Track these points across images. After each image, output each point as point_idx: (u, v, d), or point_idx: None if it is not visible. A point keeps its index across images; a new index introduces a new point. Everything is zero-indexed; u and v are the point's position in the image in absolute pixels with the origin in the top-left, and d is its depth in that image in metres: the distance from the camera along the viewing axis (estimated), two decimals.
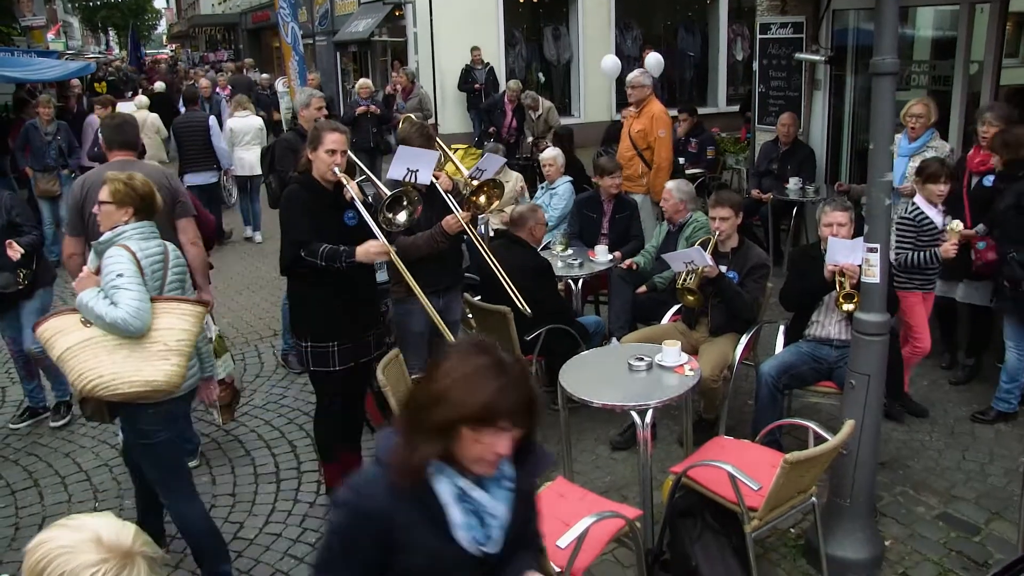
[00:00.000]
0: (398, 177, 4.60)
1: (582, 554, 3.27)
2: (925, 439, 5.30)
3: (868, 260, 3.83)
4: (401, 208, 4.29)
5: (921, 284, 5.42)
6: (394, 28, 17.81)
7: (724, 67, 18.60)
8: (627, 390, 4.20)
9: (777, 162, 8.65)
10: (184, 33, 44.97)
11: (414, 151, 4.68)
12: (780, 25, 9.21)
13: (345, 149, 4.28)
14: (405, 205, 4.29)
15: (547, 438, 5.43)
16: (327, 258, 4.17)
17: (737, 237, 5.41)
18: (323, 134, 4.24)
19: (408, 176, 4.60)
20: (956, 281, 5.82)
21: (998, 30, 7.32)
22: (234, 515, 4.81)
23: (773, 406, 4.83)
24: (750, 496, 3.61)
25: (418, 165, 4.62)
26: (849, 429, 3.79)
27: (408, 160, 4.62)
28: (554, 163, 7.79)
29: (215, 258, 8.95)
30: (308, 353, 4.45)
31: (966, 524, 4.43)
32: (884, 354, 3.92)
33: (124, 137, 4.94)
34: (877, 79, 3.71)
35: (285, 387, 6.45)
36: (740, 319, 5.24)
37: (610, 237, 6.87)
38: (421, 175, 4.63)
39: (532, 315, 4.83)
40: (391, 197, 4.24)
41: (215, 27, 37.15)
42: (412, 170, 4.60)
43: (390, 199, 4.23)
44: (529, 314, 4.66)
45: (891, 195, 3.83)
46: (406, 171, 4.61)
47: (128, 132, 4.98)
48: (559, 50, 17.18)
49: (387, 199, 4.23)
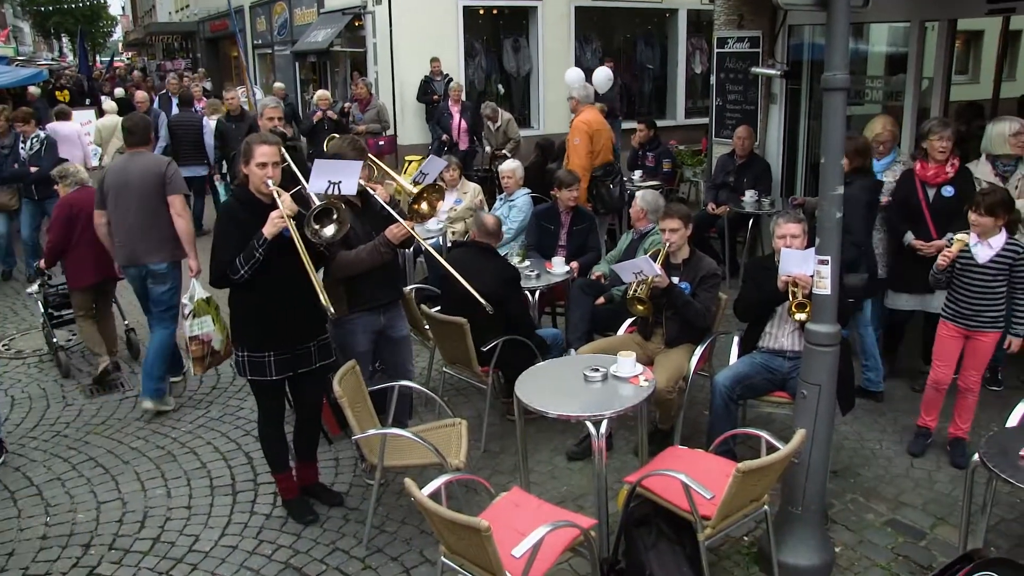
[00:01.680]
0: (319, 191, 4.38)
1: (537, 563, 3.28)
2: (876, 447, 5.40)
3: (819, 272, 3.90)
4: (330, 221, 4.18)
5: (953, 316, 5.08)
6: (354, 38, 17.75)
7: (683, 80, 18.78)
8: (583, 401, 4.22)
9: (733, 175, 8.76)
10: (140, 41, 44.44)
11: (334, 163, 4.53)
12: (737, 39, 9.33)
13: (277, 161, 4.26)
14: (335, 219, 4.18)
15: (504, 449, 5.46)
16: (245, 260, 4.16)
17: (688, 248, 5.47)
18: (253, 147, 4.25)
19: (331, 188, 4.41)
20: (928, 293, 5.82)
21: (947, 47, 7.49)
22: (189, 528, 4.76)
23: (727, 416, 4.89)
24: (703, 505, 3.65)
25: (340, 176, 4.43)
26: (800, 438, 3.85)
27: (328, 172, 4.42)
28: (512, 175, 7.81)
29: None
30: (245, 362, 4.43)
31: (913, 530, 4.53)
32: (835, 365, 3.99)
33: (140, 136, 6.14)
34: (828, 94, 3.79)
35: (242, 399, 6.39)
36: (694, 328, 5.29)
37: (568, 249, 6.93)
38: (345, 186, 4.45)
39: (495, 319, 4.79)
40: (319, 208, 4.14)
41: (172, 35, 36.75)
42: (334, 182, 4.42)
43: (317, 211, 4.13)
44: (490, 310, 4.63)
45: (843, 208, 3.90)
46: (327, 183, 4.41)
47: (142, 132, 6.17)
48: (519, 62, 17.23)
49: (313, 210, 4.13)
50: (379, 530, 4.63)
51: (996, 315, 4.96)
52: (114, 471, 5.39)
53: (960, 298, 5.02)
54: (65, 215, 6.51)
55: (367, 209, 4.86)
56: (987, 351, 5.03)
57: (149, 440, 5.79)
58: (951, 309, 5.10)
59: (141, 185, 5.92)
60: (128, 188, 5.92)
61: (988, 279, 4.92)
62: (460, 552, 3.46)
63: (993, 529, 4.40)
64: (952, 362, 5.12)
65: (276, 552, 4.50)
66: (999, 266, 4.89)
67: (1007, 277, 4.91)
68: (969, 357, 5.06)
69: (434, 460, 4.27)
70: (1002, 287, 4.92)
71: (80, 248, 6.51)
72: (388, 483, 4.98)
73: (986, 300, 4.94)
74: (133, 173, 5.95)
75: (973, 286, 4.95)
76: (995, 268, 4.90)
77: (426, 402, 5.97)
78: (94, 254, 6.47)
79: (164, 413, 6.16)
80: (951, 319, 5.10)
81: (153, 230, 5.98)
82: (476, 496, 4.79)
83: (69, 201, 6.58)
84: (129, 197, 5.92)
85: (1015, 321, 4.97)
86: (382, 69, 15.79)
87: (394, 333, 5.09)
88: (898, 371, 6.40)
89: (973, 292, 4.96)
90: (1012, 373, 6.16)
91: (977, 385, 5.08)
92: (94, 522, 4.83)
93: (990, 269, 4.91)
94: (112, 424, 6.06)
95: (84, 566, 4.42)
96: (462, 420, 4.72)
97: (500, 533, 3.30)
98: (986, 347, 5.01)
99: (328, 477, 5.19)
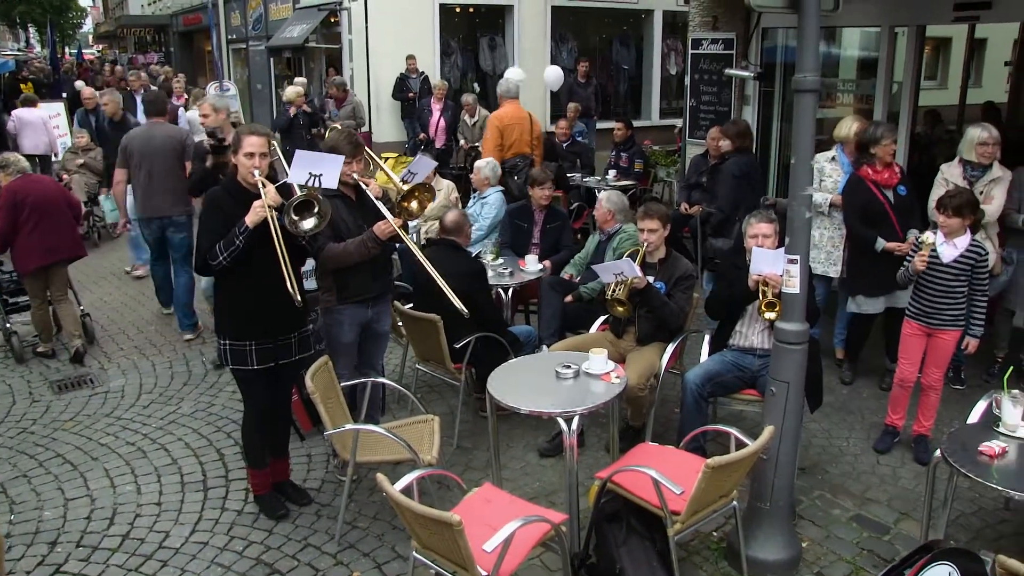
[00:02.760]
0: (300, 182, 4.37)
1: (508, 558, 3.31)
2: (843, 445, 5.48)
3: (789, 271, 3.96)
4: (311, 215, 4.21)
5: (916, 314, 5.19)
6: (329, 35, 17.67)
7: (658, 81, 18.87)
8: (554, 397, 4.25)
9: (706, 175, 8.81)
10: (111, 33, 43.86)
11: (316, 155, 4.51)
12: (711, 41, 9.40)
13: (265, 152, 4.29)
14: (315, 212, 4.21)
15: (476, 445, 5.48)
16: (225, 248, 4.18)
17: (665, 248, 5.52)
18: (242, 138, 4.30)
19: (311, 180, 4.38)
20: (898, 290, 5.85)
21: (916, 53, 7.60)
22: (160, 524, 4.73)
23: (698, 413, 4.94)
24: (673, 500, 3.70)
25: (321, 169, 4.40)
26: (769, 435, 3.90)
27: (309, 164, 4.39)
28: (478, 173, 7.84)
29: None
30: (227, 350, 4.45)
31: (877, 525, 4.61)
32: (803, 362, 4.05)
33: (157, 107, 7.42)
34: (799, 96, 3.84)
35: (213, 395, 6.37)
36: (667, 328, 5.34)
37: (541, 247, 6.95)
38: (325, 179, 4.41)
39: (468, 317, 4.82)
40: (298, 200, 4.16)
41: (144, 28, 36.35)
42: (315, 174, 4.38)
43: (297, 202, 4.15)
44: (466, 314, 4.65)
45: (812, 207, 3.96)
46: (308, 175, 4.38)
47: (160, 104, 7.50)
48: (495, 60, 17.23)
49: (293, 201, 4.14)
50: (351, 526, 4.63)
51: (957, 314, 5.07)
52: (82, 468, 5.35)
53: (923, 296, 5.13)
54: (10, 203, 6.75)
55: (360, 202, 4.85)
56: (948, 349, 5.14)
57: (119, 436, 5.75)
58: (915, 307, 5.20)
59: (164, 150, 7.11)
60: (152, 152, 7.09)
61: (950, 279, 5.03)
62: (432, 547, 3.48)
63: (953, 523, 4.49)
64: (916, 360, 5.21)
65: (247, 548, 4.50)
66: (961, 266, 5.01)
67: (968, 277, 5.03)
68: (931, 354, 5.16)
69: (406, 456, 4.29)
70: (963, 287, 5.04)
71: (26, 234, 6.79)
72: (360, 479, 4.98)
73: (948, 299, 5.05)
74: (157, 139, 7.14)
75: (937, 285, 5.06)
76: (958, 268, 5.01)
77: (399, 398, 5.98)
78: (40, 239, 6.81)
79: (134, 408, 6.17)
80: (914, 317, 5.21)
81: (173, 187, 7.12)
82: (448, 492, 4.81)
83: (13, 189, 6.84)
84: (153, 159, 7.09)
85: (973, 322, 5.10)
86: (357, 66, 15.75)
87: (379, 327, 5.10)
88: (865, 370, 6.49)
89: (936, 291, 5.06)
90: (974, 372, 6.27)
91: (939, 383, 5.17)
92: (61, 519, 4.79)
93: (953, 269, 5.02)
94: (81, 420, 6.01)
95: (50, 564, 4.39)
96: (435, 416, 4.73)
97: (472, 528, 3.32)
98: (947, 345, 5.12)
99: (300, 473, 5.18)
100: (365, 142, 5.02)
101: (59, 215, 6.95)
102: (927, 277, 5.08)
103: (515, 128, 8.95)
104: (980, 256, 4.99)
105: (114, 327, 7.92)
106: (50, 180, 7.73)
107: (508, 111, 9.09)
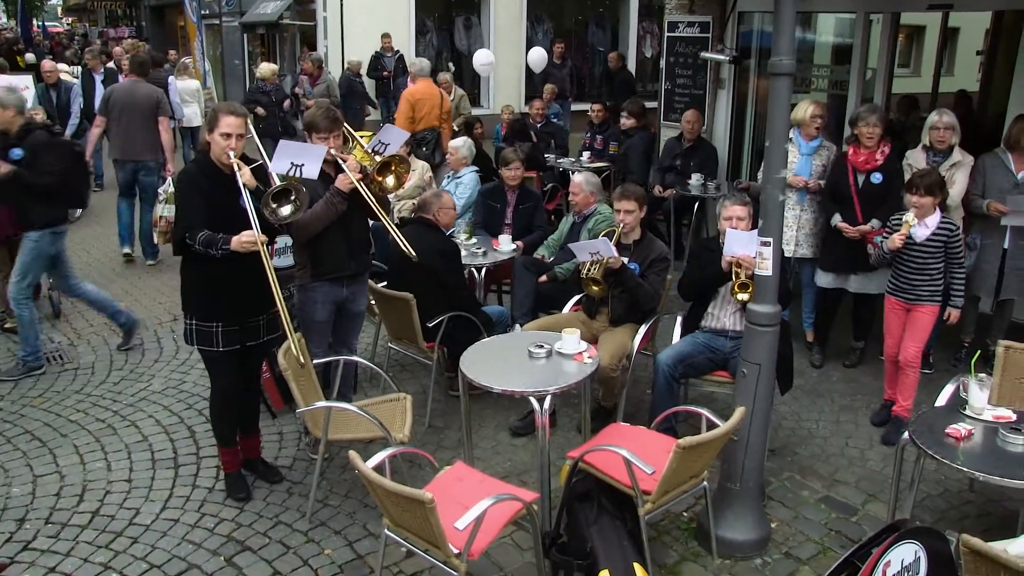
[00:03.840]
0: (281, 171, 4.41)
1: (480, 536, 3.32)
2: (813, 427, 5.54)
3: (762, 253, 3.98)
4: (288, 202, 4.17)
5: (893, 290, 5.35)
6: (304, 12, 17.51)
7: (633, 63, 18.87)
8: (527, 377, 4.25)
9: (680, 158, 8.85)
10: (81, 6, 43.11)
11: (299, 145, 4.54)
12: (687, 24, 9.40)
13: (242, 133, 4.23)
14: (292, 199, 4.17)
15: (448, 424, 5.48)
16: (204, 244, 4.14)
17: (640, 230, 5.53)
18: (219, 116, 4.21)
19: (293, 170, 4.41)
20: (850, 273, 6.15)
21: (890, 40, 7.65)
22: (130, 501, 4.69)
23: (670, 394, 4.97)
24: (644, 480, 3.72)
25: (303, 159, 4.43)
26: (740, 416, 3.94)
27: (292, 154, 4.42)
28: (456, 152, 7.82)
29: None
30: (193, 331, 4.41)
31: (846, 506, 4.66)
32: (775, 344, 4.08)
33: (142, 69, 8.99)
34: (774, 79, 3.85)
35: (184, 372, 6.32)
36: (640, 310, 5.36)
37: (514, 227, 6.95)
38: (307, 169, 4.44)
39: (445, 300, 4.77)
40: (277, 188, 4.13)
41: (115, 1, 35.77)
42: (297, 164, 4.42)
43: (276, 191, 4.13)
44: (414, 258, 4.63)
45: (785, 190, 3.98)
46: (290, 165, 4.42)
47: (144, 67, 9.06)
48: (470, 40, 17.15)
49: (272, 190, 4.12)
50: (323, 504, 4.63)
51: (934, 289, 5.22)
52: (52, 444, 5.29)
53: (900, 274, 5.29)
54: None
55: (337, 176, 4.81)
56: (926, 324, 5.26)
57: (89, 413, 5.69)
58: (893, 284, 5.37)
59: (142, 105, 8.54)
60: (132, 105, 8.52)
61: (926, 256, 5.17)
62: (404, 525, 3.48)
63: (920, 504, 4.55)
64: (898, 334, 5.35)
65: (218, 525, 4.47)
66: (935, 244, 5.15)
67: (943, 254, 5.18)
68: (909, 328, 5.27)
69: (378, 434, 4.28)
70: (938, 263, 5.20)
71: None
72: (332, 457, 4.97)
73: (924, 275, 5.20)
74: (138, 95, 8.60)
75: (912, 263, 5.21)
76: (932, 246, 5.16)
77: (371, 377, 5.96)
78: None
79: (104, 385, 6.13)
80: (893, 293, 5.37)
81: (147, 136, 8.62)
82: (420, 471, 4.81)
83: None
84: (133, 111, 8.52)
85: (953, 294, 5.28)
86: (332, 44, 15.62)
87: (354, 308, 5.08)
88: (831, 353, 6.57)
89: (912, 268, 5.21)
90: (942, 356, 6.36)
91: (917, 360, 5.24)
92: (30, 496, 4.74)
93: (927, 247, 5.16)
94: (50, 397, 5.94)
95: (18, 541, 4.34)
96: (407, 395, 4.73)
97: (444, 506, 3.32)
98: (925, 320, 5.24)
99: (272, 451, 5.16)
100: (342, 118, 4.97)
101: None
102: (903, 255, 5.22)
103: (426, 103, 9.81)
104: (952, 232, 5.17)
105: (83, 303, 7.81)
106: None
107: (420, 87, 10.03)
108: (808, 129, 6.40)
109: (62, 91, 11.15)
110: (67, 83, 11.53)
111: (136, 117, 8.50)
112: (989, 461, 3.71)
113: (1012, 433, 3.78)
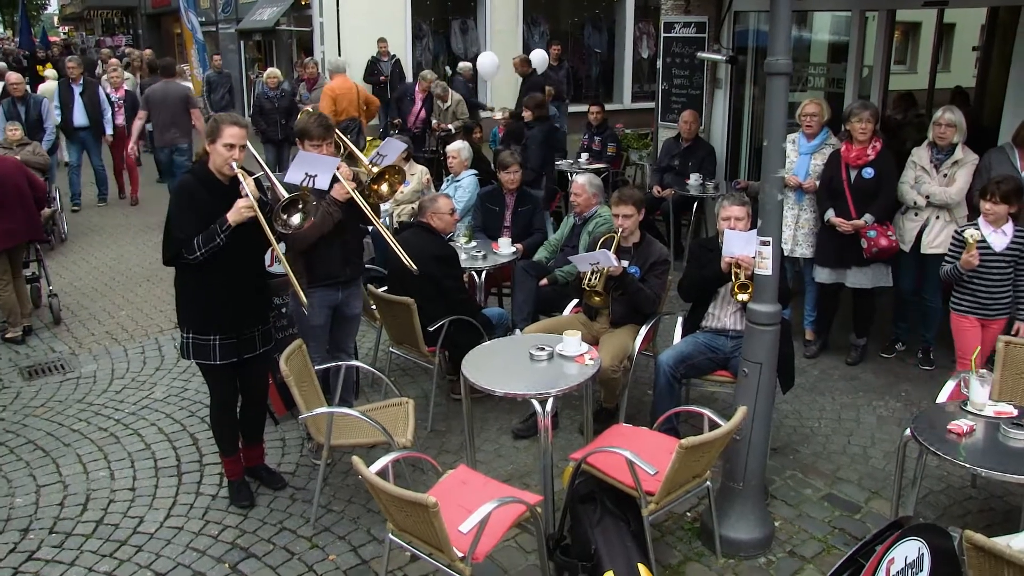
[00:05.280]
0: (295, 181, 4.42)
1: (484, 539, 3.33)
2: (815, 425, 5.54)
3: (761, 253, 3.99)
4: (296, 211, 4.16)
5: (971, 308, 5.15)
6: (300, 18, 17.51)
7: (630, 64, 18.90)
8: (528, 379, 4.26)
9: (679, 158, 8.86)
10: (78, 15, 43.14)
11: (315, 157, 4.57)
12: (684, 24, 9.41)
13: (244, 144, 4.21)
14: (301, 208, 4.17)
15: (451, 428, 5.49)
16: (205, 244, 4.11)
17: (639, 232, 5.54)
18: (222, 127, 4.16)
19: (306, 181, 4.44)
20: (846, 268, 6.16)
21: (886, 37, 7.66)
22: (134, 509, 4.70)
23: (671, 395, 4.97)
24: (647, 481, 3.73)
25: (317, 170, 4.46)
26: (741, 415, 3.94)
27: (308, 165, 4.46)
28: (458, 156, 7.83)
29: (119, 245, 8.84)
30: (189, 344, 4.40)
31: (848, 503, 4.67)
32: (775, 343, 4.08)
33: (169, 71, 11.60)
34: (771, 79, 3.86)
35: (187, 380, 6.32)
36: (641, 312, 5.37)
37: (513, 230, 6.96)
38: (319, 180, 4.47)
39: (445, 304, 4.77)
40: (288, 200, 4.11)
41: (112, 10, 35.78)
42: (311, 175, 4.44)
43: (287, 201, 4.11)
44: (415, 270, 4.65)
45: (783, 191, 3.98)
46: (304, 175, 4.44)
47: (171, 68, 11.69)
48: (466, 44, 17.17)
49: (284, 201, 4.10)
50: (326, 509, 4.63)
51: (1009, 301, 5.11)
52: (54, 454, 5.30)
53: (979, 288, 5.09)
54: None
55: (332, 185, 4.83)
56: (996, 338, 4.91)
57: (91, 422, 5.70)
58: (968, 301, 5.15)
59: (174, 101, 11.00)
60: (167, 101, 10.96)
61: (1004, 266, 5.03)
62: (408, 529, 3.48)
63: (922, 501, 4.57)
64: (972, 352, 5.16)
65: (223, 532, 4.48)
66: (1013, 253, 5.01)
67: (1015, 262, 5.04)
68: (985, 346, 5.04)
69: (381, 439, 4.29)
70: (1012, 273, 5.06)
71: None
72: (335, 463, 4.98)
73: (1002, 287, 5.06)
74: (170, 93, 11.03)
75: (991, 274, 5.05)
76: (1011, 255, 5.02)
77: (372, 382, 5.97)
78: (7, 219, 6.77)
79: (106, 394, 6.12)
80: (970, 311, 5.15)
81: (181, 126, 11.11)
82: (423, 475, 4.82)
83: None
84: (167, 106, 10.96)
85: (1021, 306, 5.10)
86: (328, 49, 15.62)
87: (349, 311, 5.09)
88: (832, 349, 6.59)
89: (992, 281, 5.05)
90: (943, 353, 6.35)
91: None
92: (33, 506, 4.75)
93: (1007, 256, 5.01)
94: (52, 406, 5.95)
95: (22, 551, 4.35)
96: (409, 399, 4.73)
97: (447, 510, 3.33)
98: (996, 334, 4.96)
99: (275, 457, 5.17)
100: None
101: (19, 197, 6.86)
102: (981, 269, 5.02)
103: (344, 97, 11.34)
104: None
105: (85, 312, 7.84)
106: (12, 160, 7.55)
107: (338, 83, 11.51)
108: (804, 128, 6.42)
109: (31, 105, 10.62)
110: (35, 97, 11.04)
111: (169, 111, 10.90)
112: (991, 457, 3.71)
113: (1014, 428, 3.78)
